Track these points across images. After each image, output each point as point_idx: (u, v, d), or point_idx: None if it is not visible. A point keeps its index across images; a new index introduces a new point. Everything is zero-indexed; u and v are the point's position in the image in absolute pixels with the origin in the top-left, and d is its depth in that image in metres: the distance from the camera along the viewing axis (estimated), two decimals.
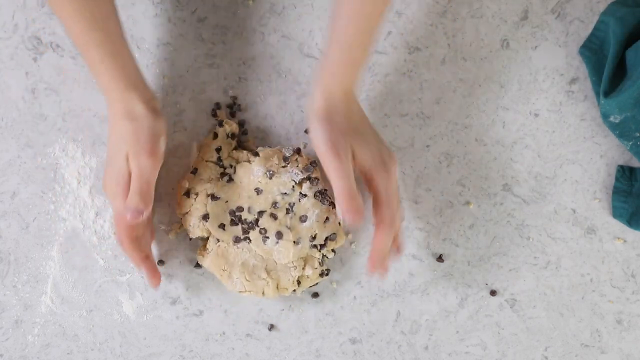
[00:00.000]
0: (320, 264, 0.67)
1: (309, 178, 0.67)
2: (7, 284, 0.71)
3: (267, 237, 0.66)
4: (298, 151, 0.68)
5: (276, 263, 0.67)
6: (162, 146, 0.63)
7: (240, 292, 0.67)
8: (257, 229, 0.66)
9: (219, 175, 0.67)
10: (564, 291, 0.71)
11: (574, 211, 0.71)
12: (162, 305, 0.71)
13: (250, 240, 0.66)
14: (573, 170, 0.71)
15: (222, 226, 0.67)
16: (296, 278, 0.67)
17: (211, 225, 0.66)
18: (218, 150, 0.68)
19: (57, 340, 0.71)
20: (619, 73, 0.68)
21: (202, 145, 0.69)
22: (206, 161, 0.68)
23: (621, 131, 0.68)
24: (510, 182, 0.71)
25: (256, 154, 0.67)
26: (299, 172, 0.67)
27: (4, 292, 0.71)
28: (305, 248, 0.66)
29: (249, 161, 0.67)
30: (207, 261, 0.67)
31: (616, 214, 0.70)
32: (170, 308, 0.71)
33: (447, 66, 0.71)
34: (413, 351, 0.71)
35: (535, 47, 0.71)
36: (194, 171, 0.68)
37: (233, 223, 0.67)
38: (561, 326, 0.72)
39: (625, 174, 0.70)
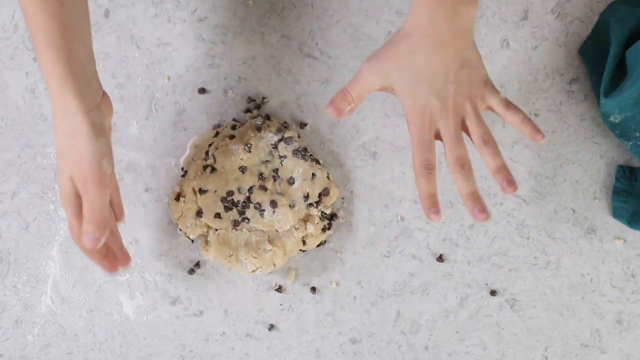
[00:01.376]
0: (320, 219, 0.68)
1: (282, 138, 0.68)
2: (7, 284, 0.71)
3: (263, 210, 0.67)
4: (267, 117, 0.70)
5: (278, 232, 0.68)
6: (107, 169, 0.57)
7: (253, 271, 0.68)
8: (252, 205, 0.67)
9: (202, 169, 0.68)
10: (564, 291, 0.71)
11: (574, 211, 0.71)
12: (162, 305, 0.71)
13: (248, 220, 0.67)
14: (573, 170, 0.71)
15: (217, 216, 0.67)
16: (300, 238, 0.68)
17: (207, 219, 0.67)
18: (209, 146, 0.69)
19: (57, 340, 0.71)
20: (619, 73, 0.68)
21: (198, 144, 0.70)
22: (194, 160, 0.68)
23: (621, 131, 0.68)
24: None
25: (232, 137, 0.68)
26: (273, 135, 0.68)
27: (4, 292, 0.71)
28: (302, 209, 0.68)
29: (227, 145, 0.68)
30: (211, 253, 0.68)
31: (616, 214, 0.70)
32: (170, 308, 0.71)
33: None
34: (413, 351, 0.71)
35: (535, 47, 0.71)
36: (184, 174, 0.69)
37: (227, 209, 0.67)
38: (561, 326, 0.72)
39: (625, 174, 0.70)
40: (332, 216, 0.70)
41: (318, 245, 0.69)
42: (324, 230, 0.69)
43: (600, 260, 0.71)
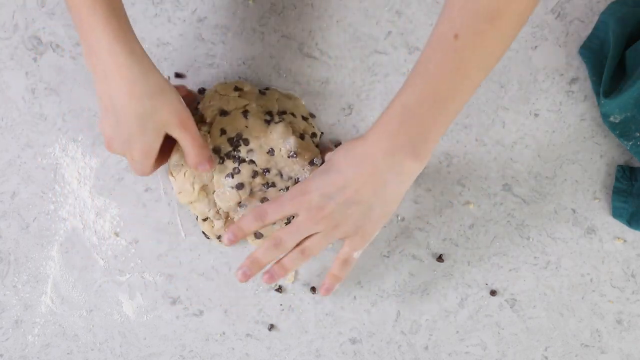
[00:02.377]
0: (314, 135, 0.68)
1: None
2: (7, 284, 0.71)
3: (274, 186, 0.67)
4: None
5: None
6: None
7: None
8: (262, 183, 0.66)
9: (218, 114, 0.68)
10: (564, 291, 0.71)
11: (574, 211, 0.71)
12: (162, 305, 0.71)
13: (251, 191, 0.66)
14: (573, 170, 0.71)
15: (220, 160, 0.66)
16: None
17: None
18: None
19: (57, 340, 0.71)
20: (619, 73, 0.68)
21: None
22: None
23: (621, 131, 0.68)
24: (510, 182, 0.71)
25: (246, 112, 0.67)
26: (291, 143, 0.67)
27: (4, 292, 0.71)
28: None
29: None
30: (217, 227, 0.68)
31: (616, 214, 0.70)
32: (170, 308, 0.71)
33: None
34: (413, 351, 0.71)
35: (535, 47, 0.71)
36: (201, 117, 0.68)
37: (235, 148, 0.66)
38: (561, 326, 0.72)
39: (625, 174, 0.70)
40: None
41: None
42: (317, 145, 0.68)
43: (600, 260, 0.71)
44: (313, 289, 0.71)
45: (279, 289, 0.71)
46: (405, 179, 0.58)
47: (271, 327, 0.71)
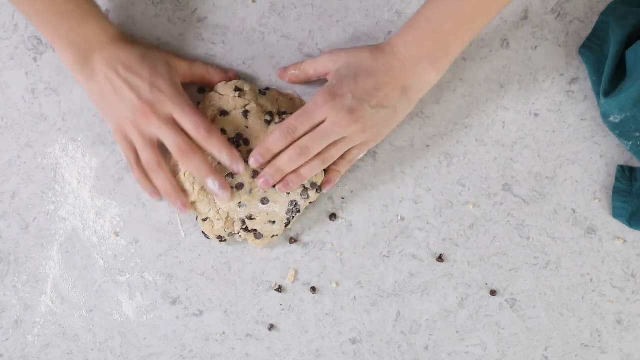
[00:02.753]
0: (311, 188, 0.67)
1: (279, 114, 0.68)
2: (7, 284, 0.71)
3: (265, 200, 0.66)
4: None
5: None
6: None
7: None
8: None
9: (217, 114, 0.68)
10: (564, 291, 0.71)
11: (574, 211, 0.71)
12: (162, 305, 0.71)
13: (251, 191, 0.66)
14: (573, 170, 0.71)
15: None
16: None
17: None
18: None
19: (57, 340, 0.71)
20: (619, 73, 0.68)
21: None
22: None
23: (621, 131, 0.68)
24: (510, 182, 0.71)
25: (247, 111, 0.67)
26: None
27: (4, 292, 0.71)
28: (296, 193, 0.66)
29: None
30: (217, 227, 0.67)
31: (616, 214, 0.70)
32: (170, 308, 0.71)
33: None
34: (413, 351, 0.71)
35: (535, 47, 0.71)
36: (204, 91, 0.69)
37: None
38: (561, 326, 0.72)
39: (625, 174, 0.70)
40: (314, 186, 0.67)
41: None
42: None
43: (600, 260, 0.71)
44: (313, 289, 0.71)
45: (279, 289, 0.71)
46: (425, 86, 0.63)
47: (271, 327, 0.71)
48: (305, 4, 0.71)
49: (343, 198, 0.71)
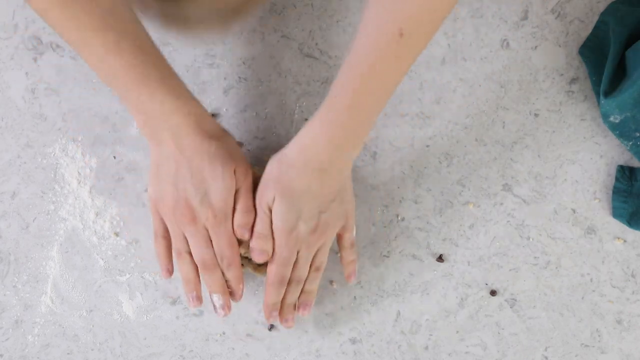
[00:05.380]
0: None
1: None
2: (7, 284, 0.71)
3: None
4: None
5: None
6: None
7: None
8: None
9: None
10: (564, 291, 0.71)
11: (574, 211, 0.71)
12: (162, 305, 0.71)
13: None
14: (573, 170, 0.71)
15: None
16: None
17: None
18: None
19: (57, 340, 0.71)
20: (619, 73, 0.68)
21: None
22: None
23: (621, 131, 0.68)
24: (510, 182, 0.71)
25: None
26: None
27: (4, 292, 0.71)
28: None
29: None
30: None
31: (616, 214, 0.70)
32: (170, 308, 0.71)
33: (447, 66, 0.71)
34: (413, 351, 0.71)
35: (535, 47, 0.71)
36: None
37: None
38: (561, 326, 0.72)
39: (625, 174, 0.70)
40: None
41: None
42: None
43: (600, 260, 0.71)
44: None
45: None
46: (349, 164, 0.62)
47: (271, 327, 0.71)
48: (305, 4, 0.71)
49: None
